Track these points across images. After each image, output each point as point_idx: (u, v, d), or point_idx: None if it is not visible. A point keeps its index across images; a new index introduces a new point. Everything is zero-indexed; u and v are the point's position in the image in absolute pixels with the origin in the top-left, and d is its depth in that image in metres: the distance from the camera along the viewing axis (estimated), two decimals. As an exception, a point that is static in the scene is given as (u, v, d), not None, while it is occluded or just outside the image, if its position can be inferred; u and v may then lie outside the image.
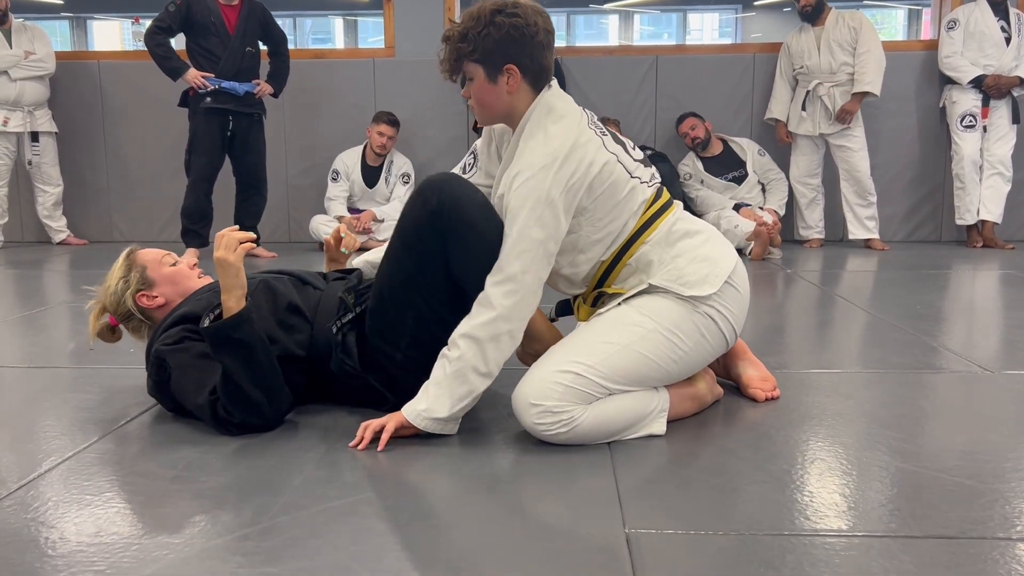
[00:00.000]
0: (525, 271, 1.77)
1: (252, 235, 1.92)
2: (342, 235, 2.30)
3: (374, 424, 1.81)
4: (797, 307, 3.65)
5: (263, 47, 5.17)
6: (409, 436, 1.82)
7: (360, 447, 1.80)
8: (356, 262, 2.27)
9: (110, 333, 2.14)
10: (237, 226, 2.03)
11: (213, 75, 4.84)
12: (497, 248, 1.80)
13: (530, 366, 1.88)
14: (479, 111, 1.94)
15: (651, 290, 1.87)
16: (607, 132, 1.93)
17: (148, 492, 1.62)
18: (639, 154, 1.97)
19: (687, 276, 1.86)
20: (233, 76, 4.90)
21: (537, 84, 1.89)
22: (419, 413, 1.80)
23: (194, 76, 4.81)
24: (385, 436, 1.79)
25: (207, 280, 2.17)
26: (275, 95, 5.16)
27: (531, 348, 2.07)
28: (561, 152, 1.79)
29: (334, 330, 1.99)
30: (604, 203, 1.85)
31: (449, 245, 1.84)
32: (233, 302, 1.84)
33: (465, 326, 1.79)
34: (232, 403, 1.85)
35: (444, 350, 1.81)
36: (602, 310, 1.92)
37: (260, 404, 1.86)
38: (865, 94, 5.21)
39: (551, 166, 1.78)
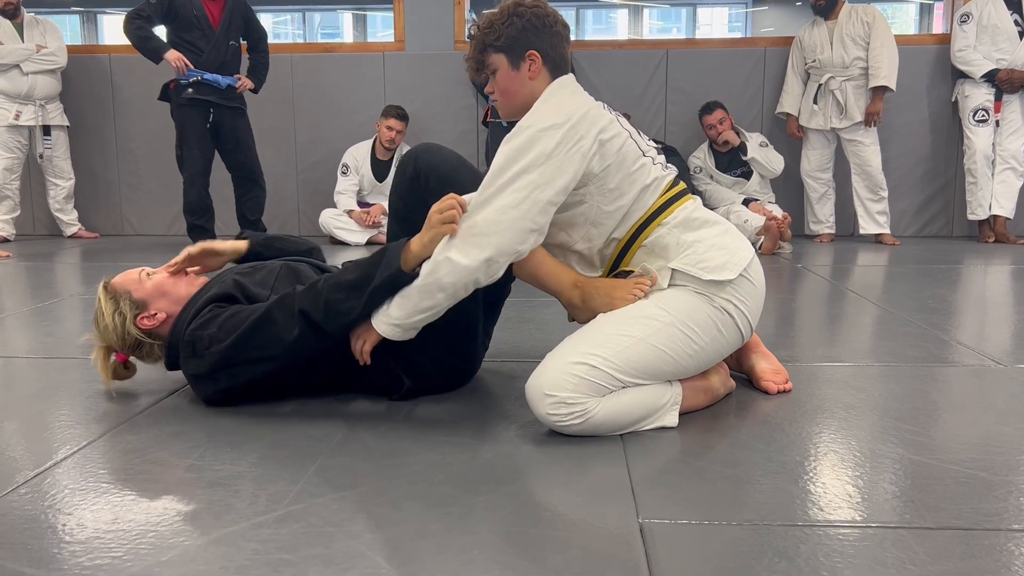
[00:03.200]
0: (514, 206, 1.77)
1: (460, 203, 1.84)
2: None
3: (359, 345, 1.92)
4: (808, 301, 3.65)
5: (244, 42, 5.20)
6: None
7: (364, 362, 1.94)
8: None
9: (124, 370, 2.14)
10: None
11: (194, 67, 4.87)
12: None
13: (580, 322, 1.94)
14: (503, 101, 1.99)
15: (672, 277, 1.88)
16: (621, 116, 1.99)
17: (164, 480, 1.63)
18: (653, 143, 2.02)
19: (707, 261, 1.86)
20: (215, 69, 4.93)
21: (556, 72, 1.97)
22: (381, 319, 1.86)
23: (175, 57, 4.80)
24: (367, 348, 1.91)
25: (201, 281, 2.15)
26: (255, 90, 5.17)
27: (587, 312, 1.96)
28: (576, 115, 1.84)
29: None
30: (614, 172, 1.87)
31: (432, 205, 1.85)
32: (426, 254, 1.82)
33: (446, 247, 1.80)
34: (333, 298, 1.85)
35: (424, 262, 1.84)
36: None
37: (348, 321, 1.87)
38: (883, 89, 5.19)
39: (563, 125, 1.82)
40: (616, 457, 1.71)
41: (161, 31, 4.99)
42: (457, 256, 1.77)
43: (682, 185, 1.99)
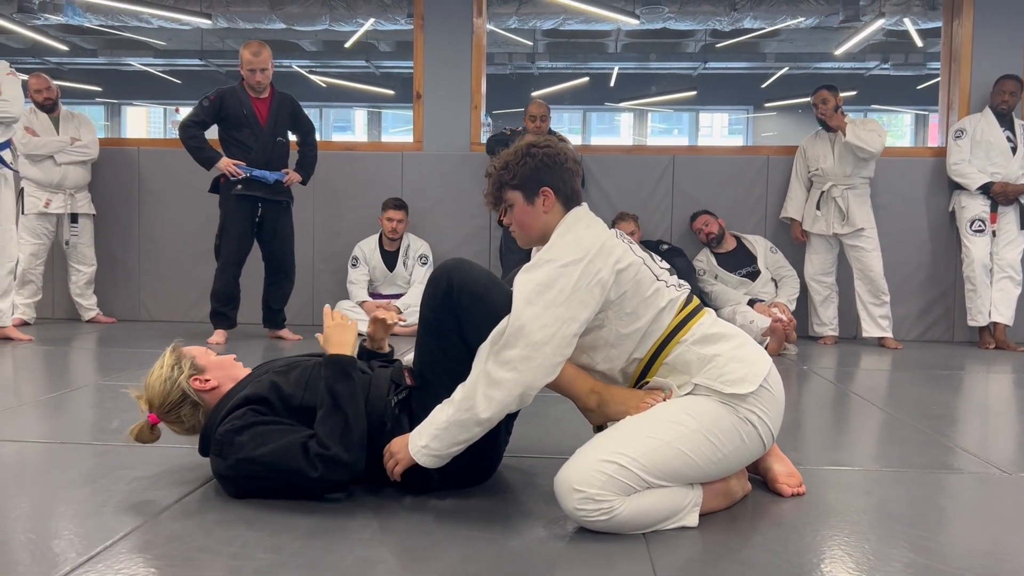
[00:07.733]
0: (546, 343, 1.90)
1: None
2: (382, 317, 2.44)
3: (391, 464, 2.05)
4: (814, 404, 3.73)
5: (292, 137, 5.39)
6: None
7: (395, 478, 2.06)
8: (408, 359, 2.39)
9: (149, 432, 2.21)
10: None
11: (244, 164, 5.02)
12: (505, 314, 1.95)
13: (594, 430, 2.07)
14: (520, 232, 2.16)
15: (694, 390, 1.99)
16: (633, 243, 2.13)
17: (210, 569, 1.70)
18: (665, 264, 2.15)
19: (727, 375, 1.97)
20: (263, 165, 5.06)
21: (568, 205, 2.12)
22: (419, 449, 1.98)
23: (227, 164, 4.96)
24: (399, 469, 2.04)
25: (248, 370, 2.30)
26: (303, 183, 5.35)
27: (601, 417, 2.11)
28: (592, 249, 1.98)
29: (393, 403, 2.14)
30: (630, 299, 2.00)
31: (463, 321, 2.05)
32: (349, 351, 2.13)
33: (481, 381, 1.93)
34: (331, 434, 2.00)
35: (456, 392, 1.95)
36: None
37: (353, 437, 2.01)
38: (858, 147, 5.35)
39: (582, 260, 1.96)
40: (640, 555, 1.79)
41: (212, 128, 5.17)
42: (494, 392, 1.90)
43: (696, 301, 2.11)
